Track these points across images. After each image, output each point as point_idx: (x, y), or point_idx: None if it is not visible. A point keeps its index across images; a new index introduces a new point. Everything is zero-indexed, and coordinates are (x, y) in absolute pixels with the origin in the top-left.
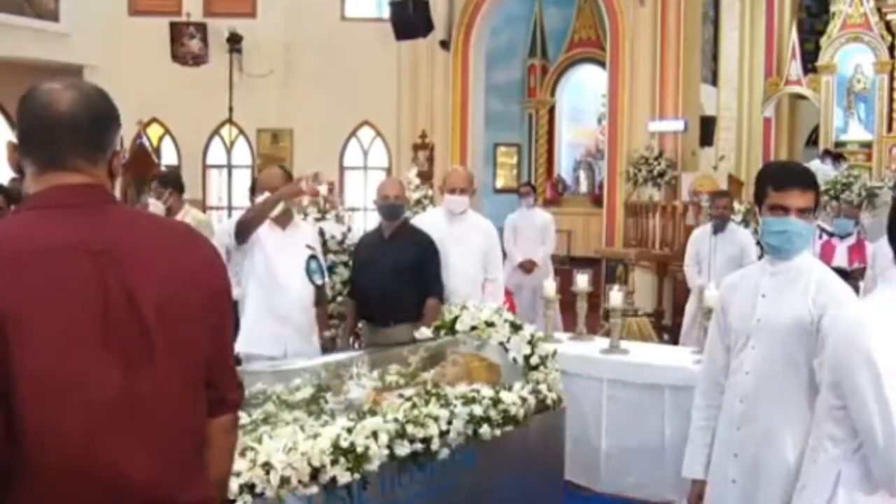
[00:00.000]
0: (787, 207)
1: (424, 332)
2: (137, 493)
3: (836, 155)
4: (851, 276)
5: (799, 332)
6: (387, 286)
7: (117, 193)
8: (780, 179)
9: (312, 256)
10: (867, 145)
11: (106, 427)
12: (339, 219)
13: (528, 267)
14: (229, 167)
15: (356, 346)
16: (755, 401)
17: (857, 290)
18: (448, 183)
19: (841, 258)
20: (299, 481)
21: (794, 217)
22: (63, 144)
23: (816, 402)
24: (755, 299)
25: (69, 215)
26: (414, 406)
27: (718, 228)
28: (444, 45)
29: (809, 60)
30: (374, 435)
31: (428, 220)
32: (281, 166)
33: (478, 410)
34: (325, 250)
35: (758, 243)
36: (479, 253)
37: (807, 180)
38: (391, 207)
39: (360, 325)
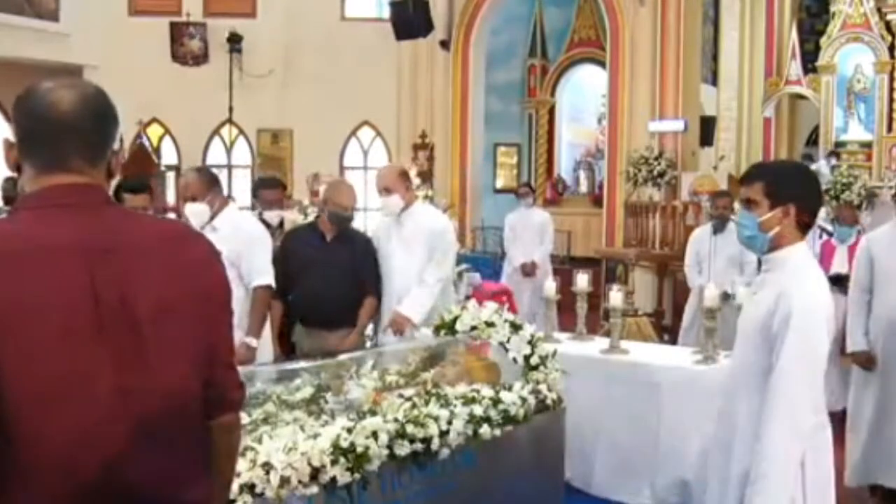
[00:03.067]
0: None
1: (425, 332)
2: (136, 493)
3: (831, 153)
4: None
5: (762, 332)
6: (330, 289)
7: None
8: None
9: None
10: (867, 145)
11: (100, 426)
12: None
13: (528, 270)
14: (229, 167)
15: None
16: (729, 398)
17: None
18: (376, 184)
19: (841, 258)
20: (299, 481)
21: (743, 209)
22: (65, 145)
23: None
24: (755, 297)
25: (66, 215)
26: (414, 406)
27: (718, 228)
28: (444, 45)
29: (809, 60)
30: (374, 435)
31: (380, 225)
32: (198, 169)
33: (478, 410)
34: None
35: None
36: (424, 257)
37: (750, 174)
38: (343, 219)
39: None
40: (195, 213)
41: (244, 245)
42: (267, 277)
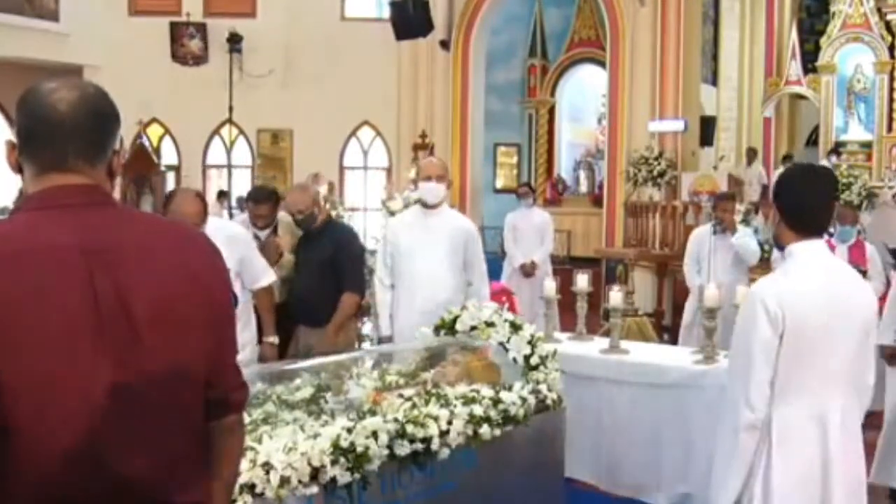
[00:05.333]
0: None
1: (425, 331)
2: (134, 493)
3: (831, 151)
4: None
5: None
6: (312, 286)
7: (116, 194)
8: None
9: None
10: (867, 145)
11: (98, 426)
12: (338, 219)
13: (528, 270)
14: (229, 167)
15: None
16: None
17: None
18: (423, 172)
19: (840, 258)
20: (299, 481)
21: None
22: (65, 146)
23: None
24: None
25: (66, 215)
26: (414, 406)
27: (718, 228)
28: (444, 45)
29: (809, 60)
30: (374, 435)
31: (398, 220)
32: (196, 193)
33: (478, 410)
34: None
35: (759, 243)
36: (453, 254)
37: None
38: (296, 222)
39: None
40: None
41: (241, 253)
42: (269, 277)
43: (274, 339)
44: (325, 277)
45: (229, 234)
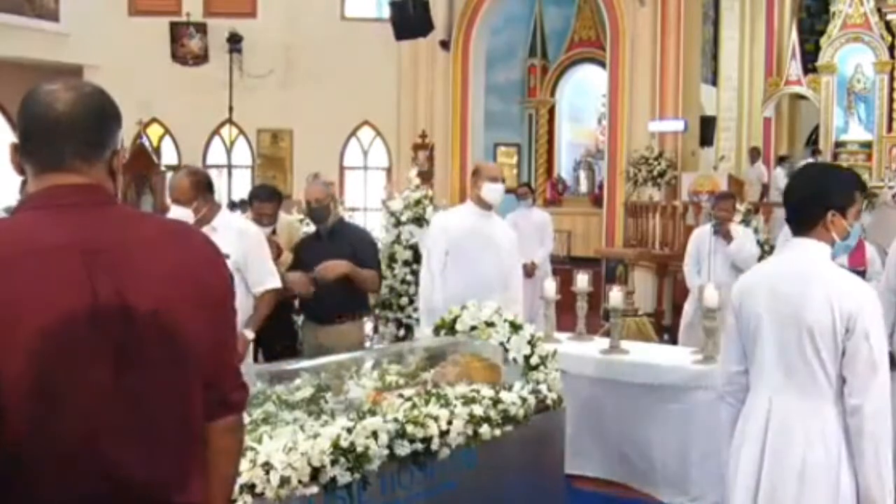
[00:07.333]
0: None
1: (426, 331)
2: (133, 493)
3: (813, 151)
4: None
5: None
6: (327, 285)
7: (118, 193)
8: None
9: None
10: (867, 145)
11: (98, 426)
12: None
13: (528, 271)
14: (229, 167)
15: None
16: None
17: None
18: (488, 173)
19: (839, 259)
20: (299, 481)
21: None
22: (61, 145)
23: None
24: None
25: (65, 215)
26: (414, 406)
27: (718, 229)
28: (444, 45)
29: (809, 60)
30: (374, 435)
31: (454, 217)
32: (192, 171)
33: (478, 410)
34: None
35: (759, 243)
36: (507, 258)
37: None
38: (312, 211)
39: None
40: (178, 217)
41: (251, 250)
42: (276, 280)
43: (248, 333)
44: (341, 278)
45: (242, 231)
